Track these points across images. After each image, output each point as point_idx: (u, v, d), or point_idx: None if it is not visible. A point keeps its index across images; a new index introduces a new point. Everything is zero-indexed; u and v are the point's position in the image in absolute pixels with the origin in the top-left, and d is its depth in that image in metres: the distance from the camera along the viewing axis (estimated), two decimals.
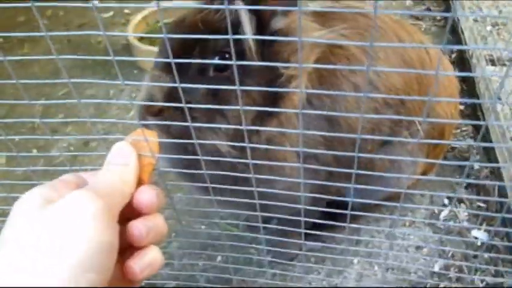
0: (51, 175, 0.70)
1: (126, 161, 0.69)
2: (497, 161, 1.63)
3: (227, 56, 0.99)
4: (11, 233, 0.56)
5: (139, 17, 2.48)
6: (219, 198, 1.08)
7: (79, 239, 0.54)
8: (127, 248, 0.67)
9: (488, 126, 1.70)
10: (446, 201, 1.66)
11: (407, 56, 1.21)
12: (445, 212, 1.62)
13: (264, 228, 1.59)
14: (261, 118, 1.06)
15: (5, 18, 2.74)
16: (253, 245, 1.26)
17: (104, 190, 0.62)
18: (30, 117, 1.97)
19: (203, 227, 1.63)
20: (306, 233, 1.02)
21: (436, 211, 1.63)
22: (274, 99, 1.05)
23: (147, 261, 0.66)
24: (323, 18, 1.19)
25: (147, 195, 0.68)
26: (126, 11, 2.86)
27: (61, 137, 0.90)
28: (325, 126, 1.14)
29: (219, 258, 1.55)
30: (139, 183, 0.72)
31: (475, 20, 2.23)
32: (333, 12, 1.21)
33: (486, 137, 1.70)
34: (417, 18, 2.44)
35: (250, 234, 1.31)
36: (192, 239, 1.54)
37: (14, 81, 0.69)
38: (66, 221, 0.55)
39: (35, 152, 1.93)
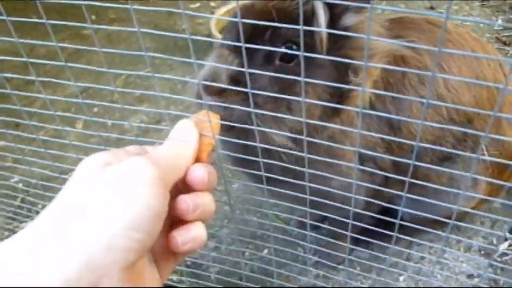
0: (123, 145, 0.76)
1: (187, 138, 0.74)
2: None
3: (294, 46, 0.97)
4: (68, 189, 0.61)
5: (223, 10, 2.56)
6: (272, 188, 1.11)
7: (131, 201, 0.57)
8: (175, 222, 0.71)
9: None
10: (508, 234, 1.59)
11: (482, 74, 1.17)
12: (504, 245, 1.56)
13: (316, 228, 1.61)
14: (326, 116, 1.06)
15: None
16: (302, 242, 1.27)
17: (160, 160, 0.65)
18: (110, 90, 2.11)
19: (255, 218, 1.67)
20: (357, 239, 1.02)
21: (495, 241, 1.57)
22: (339, 101, 1.04)
23: (191, 235, 0.69)
24: (399, 26, 1.18)
25: (199, 172, 0.71)
26: (212, 4, 2.96)
27: (136, 108, 0.97)
28: (386, 130, 1.13)
29: (266, 250, 1.58)
30: (197, 161, 0.75)
31: None
32: (410, 22, 1.20)
33: None
34: (504, 43, 2.35)
35: (301, 231, 1.32)
36: (244, 227, 1.58)
37: (96, 49, 0.76)
38: (121, 183, 0.59)
39: (109, 123, 2.06)
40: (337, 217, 1.01)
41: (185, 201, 0.69)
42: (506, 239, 1.56)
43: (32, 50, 2.57)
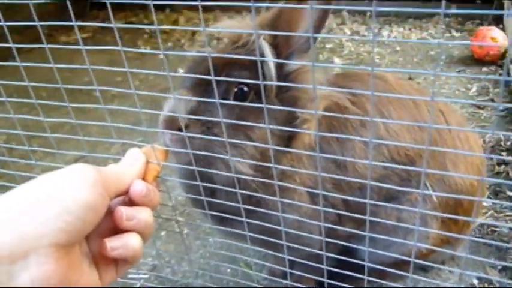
0: None
1: (134, 161, 0.89)
2: None
3: (245, 88, 1.10)
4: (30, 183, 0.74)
5: None
6: (226, 229, 1.18)
7: (68, 191, 0.71)
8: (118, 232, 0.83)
9: None
10: (476, 281, 1.61)
11: (422, 119, 1.28)
12: None
13: (286, 277, 1.65)
14: (278, 153, 1.14)
15: (105, 76, 3.17)
16: None
17: (104, 170, 0.80)
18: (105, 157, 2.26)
19: (228, 270, 1.72)
20: (322, 284, 1.10)
21: None
22: (289, 138, 1.16)
23: (121, 241, 0.80)
24: (344, 79, 1.33)
25: (138, 186, 0.85)
26: None
27: None
28: (333, 168, 1.22)
29: None
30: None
31: None
32: (354, 75, 1.34)
33: None
34: (479, 107, 2.47)
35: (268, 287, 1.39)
36: (216, 281, 1.64)
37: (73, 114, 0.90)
38: (62, 178, 0.73)
39: None
40: (296, 259, 1.11)
41: (119, 210, 0.82)
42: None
43: (37, 123, 2.76)
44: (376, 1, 0.57)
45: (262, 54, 1.09)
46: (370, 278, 1.03)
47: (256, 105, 0.91)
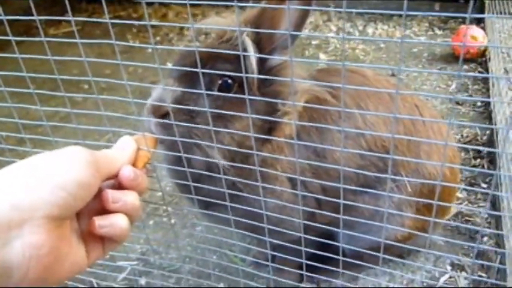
0: None
1: (125, 147, 0.95)
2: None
3: (229, 81, 1.17)
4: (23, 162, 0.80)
5: None
6: (213, 213, 1.25)
7: (63, 169, 0.77)
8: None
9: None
10: (448, 267, 1.70)
11: (397, 112, 1.35)
12: (445, 277, 1.66)
13: (269, 262, 1.72)
14: (259, 142, 1.22)
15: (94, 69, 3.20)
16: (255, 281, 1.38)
17: (97, 153, 0.86)
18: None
19: (214, 257, 1.79)
20: (303, 266, 1.17)
21: (437, 274, 1.67)
22: (269, 129, 1.23)
23: (109, 221, 0.87)
24: (326, 74, 1.40)
25: (127, 171, 0.91)
26: None
27: None
28: (313, 158, 1.29)
29: (222, 284, 1.69)
30: (133, 167, 0.95)
31: None
32: (334, 70, 1.42)
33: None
34: (457, 103, 2.56)
35: (253, 271, 1.45)
36: (202, 266, 1.70)
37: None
38: (59, 158, 0.80)
39: None
40: (278, 241, 1.17)
41: (107, 193, 0.88)
42: (446, 273, 1.66)
43: (27, 113, 2.80)
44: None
45: (245, 50, 1.16)
46: (346, 259, 1.11)
47: (238, 96, 0.97)
